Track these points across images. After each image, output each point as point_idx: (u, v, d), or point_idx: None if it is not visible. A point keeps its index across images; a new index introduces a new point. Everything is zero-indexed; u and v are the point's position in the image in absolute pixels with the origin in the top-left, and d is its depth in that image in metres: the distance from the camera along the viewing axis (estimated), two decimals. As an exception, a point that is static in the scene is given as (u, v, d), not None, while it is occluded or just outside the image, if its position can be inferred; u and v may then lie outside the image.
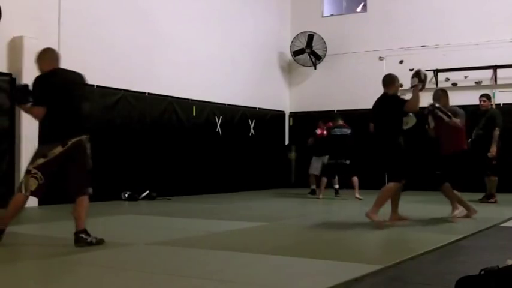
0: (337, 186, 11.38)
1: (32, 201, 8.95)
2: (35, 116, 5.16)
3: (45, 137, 5.10)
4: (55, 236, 5.58)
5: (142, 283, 3.77)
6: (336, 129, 10.94)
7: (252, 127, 13.94)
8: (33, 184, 5.00)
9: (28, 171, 5.04)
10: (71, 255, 4.79)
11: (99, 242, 5.07)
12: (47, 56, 5.24)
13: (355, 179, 10.68)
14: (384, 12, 14.25)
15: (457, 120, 7.14)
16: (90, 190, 5.23)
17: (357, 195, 10.45)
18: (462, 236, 5.86)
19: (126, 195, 10.35)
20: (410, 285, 3.85)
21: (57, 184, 5.17)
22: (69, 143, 5.00)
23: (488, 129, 9.89)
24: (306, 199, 11.03)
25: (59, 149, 4.98)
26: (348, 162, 10.66)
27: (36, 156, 5.04)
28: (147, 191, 10.61)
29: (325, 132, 11.65)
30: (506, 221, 7.37)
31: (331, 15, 15.29)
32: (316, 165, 11.73)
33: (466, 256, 5.01)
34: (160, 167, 11.23)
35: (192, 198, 10.95)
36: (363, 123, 8.90)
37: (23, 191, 5.05)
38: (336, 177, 11.36)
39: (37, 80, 5.15)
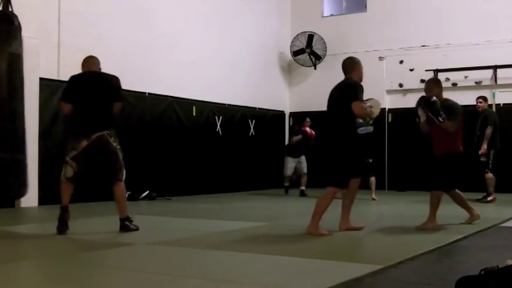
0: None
1: (32, 201, 9.00)
2: (63, 111, 6.24)
3: (73, 133, 5.91)
4: (55, 236, 5.58)
5: (142, 283, 3.76)
6: (362, 128, 10.70)
7: (252, 127, 13.94)
8: (70, 172, 5.79)
9: (65, 161, 5.81)
10: (71, 255, 4.80)
11: (137, 228, 6.02)
12: (85, 62, 6.08)
13: (372, 179, 10.50)
14: (384, 12, 14.24)
15: (449, 124, 6.22)
16: (124, 175, 6.05)
17: (373, 196, 10.38)
18: (462, 236, 5.86)
19: (126, 195, 10.30)
20: (410, 285, 3.85)
21: (91, 174, 6.00)
22: (93, 137, 5.74)
23: (484, 130, 9.93)
24: (306, 199, 11.01)
25: (84, 143, 5.74)
26: (370, 160, 10.19)
27: (69, 149, 5.84)
28: (147, 191, 10.61)
29: (313, 132, 11.69)
30: (505, 221, 7.37)
31: (331, 15, 15.28)
32: (291, 167, 11.84)
33: (466, 256, 5.01)
34: (160, 167, 11.23)
35: (192, 198, 10.95)
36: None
37: (62, 178, 5.82)
38: None
39: (69, 79, 6.07)
